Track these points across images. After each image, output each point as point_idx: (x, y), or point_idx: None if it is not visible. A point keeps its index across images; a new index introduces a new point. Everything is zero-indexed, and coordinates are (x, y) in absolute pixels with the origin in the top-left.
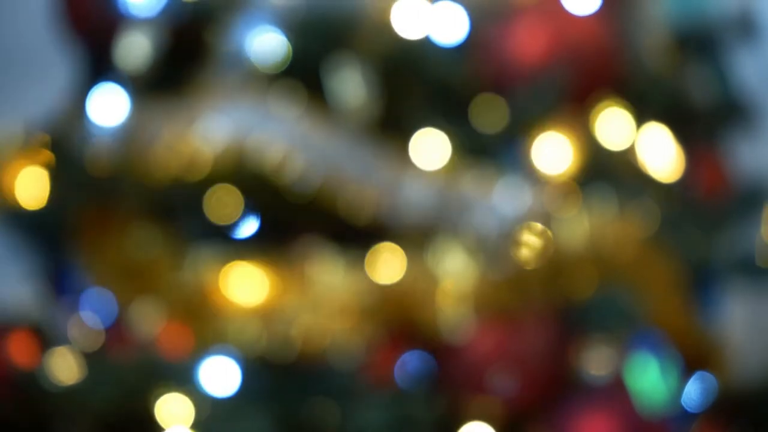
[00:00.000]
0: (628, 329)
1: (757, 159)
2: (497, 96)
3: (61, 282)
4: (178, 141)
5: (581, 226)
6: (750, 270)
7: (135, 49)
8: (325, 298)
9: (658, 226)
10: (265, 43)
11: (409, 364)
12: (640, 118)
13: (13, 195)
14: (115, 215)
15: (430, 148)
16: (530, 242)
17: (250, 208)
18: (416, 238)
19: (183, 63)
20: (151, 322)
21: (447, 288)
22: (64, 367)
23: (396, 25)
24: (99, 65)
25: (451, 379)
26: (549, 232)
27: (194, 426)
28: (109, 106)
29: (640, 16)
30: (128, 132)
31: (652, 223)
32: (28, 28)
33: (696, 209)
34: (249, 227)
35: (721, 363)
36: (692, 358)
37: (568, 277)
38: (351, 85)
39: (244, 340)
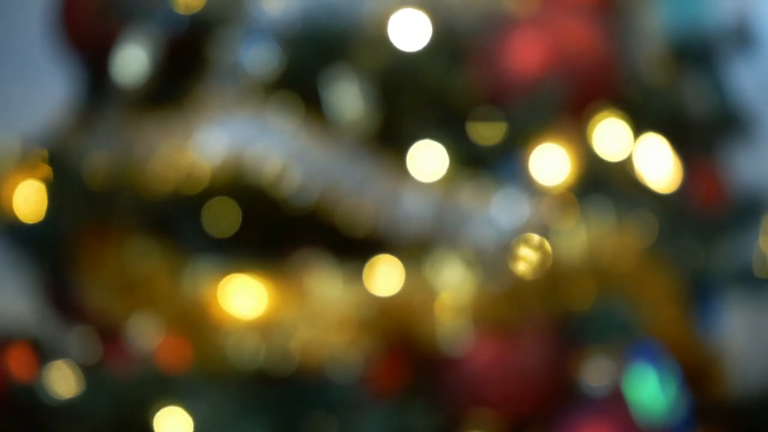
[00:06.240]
0: (627, 340)
1: (755, 169)
2: (494, 108)
3: (59, 295)
4: (175, 154)
5: (579, 237)
6: (748, 281)
7: (132, 62)
8: (323, 310)
9: (656, 238)
10: (262, 55)
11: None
12: (638, 129)
13: (12, 209)
14: (114, 228)
15: (428, 160)
16: (528, 255)
17: (247, 221)
18: (414, 250)
19: (180, 76)
20: (149, 335)
21: (445, 300)
22: (63, 381)
23: (393, 38)
24: (97, 78)
25: (450, 392)
26: (547, 244)
27: None
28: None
29: (637, 28)
30: (126, 145)
31: (650, 234)
32: (25, 41)
33: (694, 220)
34: (247, 240)
35: (719, 374)
36: (691, 369)
37: (567, 289)
38: (348, 97)
39: (243, 353)
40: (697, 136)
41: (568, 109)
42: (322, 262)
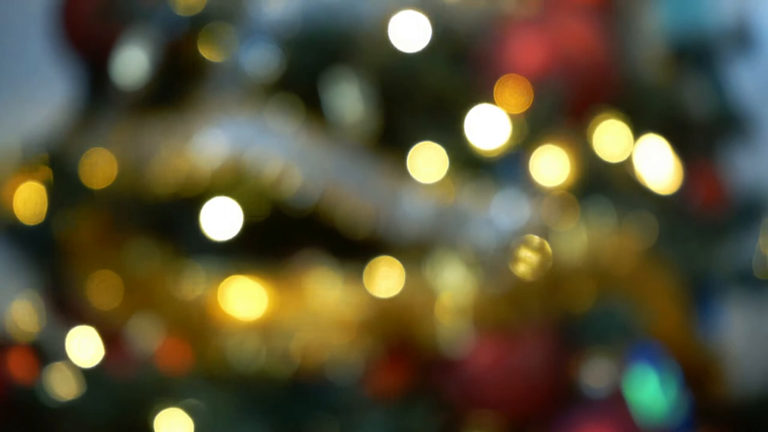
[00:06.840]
0: (627, 342)
1: (755, 170)
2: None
3: (59, 297)
4: (176, 156)
5: (579, 239)
6: (748, 282)
7: (132, 63)
8: (323, 312)
9: (657, 239)
10: (262, 57)
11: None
12: (638, 130)
13: (12, 210)
14: (114, 230)
15: (428, 161)
16: (528, 256)
17: (248, 223)
18: (414, 251)
19: (180, 77)
20: (149, 337)
21: (445, 302)
22: (63, 383)
23: (393, 39)
24: (97, 80)
25: (450, 393)
26: (547, 246)
27: None
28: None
29: (637, 28)
30: (126, 147)
31: (650, 235)
32: (25, 43)
33: (694, 221)
34: (247, 242)
35: (719, 374)
36: (691, 369)
37: (567, 290)
38: (348, 98)
39: (243, 354)
40: (697, 137)
41: (568, 109)
42: (322, 263)
